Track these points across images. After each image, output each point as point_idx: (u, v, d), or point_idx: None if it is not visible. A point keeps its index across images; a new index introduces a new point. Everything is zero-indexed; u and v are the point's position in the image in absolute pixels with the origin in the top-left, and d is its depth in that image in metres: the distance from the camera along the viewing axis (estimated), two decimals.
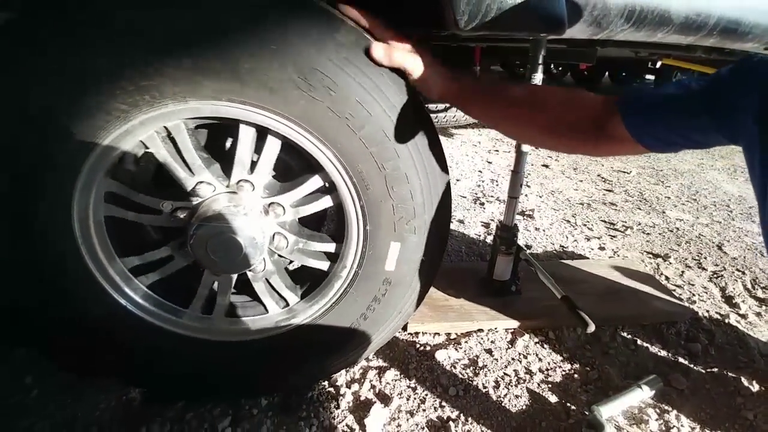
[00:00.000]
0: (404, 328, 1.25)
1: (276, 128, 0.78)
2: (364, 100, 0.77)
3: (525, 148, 1.29)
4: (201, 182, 0.82)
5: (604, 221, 2.19)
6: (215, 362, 0.97)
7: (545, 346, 1.26)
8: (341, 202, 0.85)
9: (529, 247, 1.85)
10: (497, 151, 3.45)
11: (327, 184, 0.86)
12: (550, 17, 0.75)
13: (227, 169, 0.83)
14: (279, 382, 1.05)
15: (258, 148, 0.83)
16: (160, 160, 0.79)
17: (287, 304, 0.97)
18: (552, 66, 7.58)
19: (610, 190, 2.68)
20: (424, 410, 1.04)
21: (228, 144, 0.91)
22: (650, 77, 7.78)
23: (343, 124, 0.77)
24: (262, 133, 0.81)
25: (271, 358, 0.98)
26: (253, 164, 0.84)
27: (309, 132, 0.78)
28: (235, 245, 0.83)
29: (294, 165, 0.92)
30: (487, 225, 2.04)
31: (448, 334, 1.27)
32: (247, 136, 0.80)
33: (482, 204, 2.27)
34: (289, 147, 0.82)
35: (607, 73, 8.52)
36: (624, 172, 3.08)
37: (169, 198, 0.84)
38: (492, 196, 2.39)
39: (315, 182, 0.86)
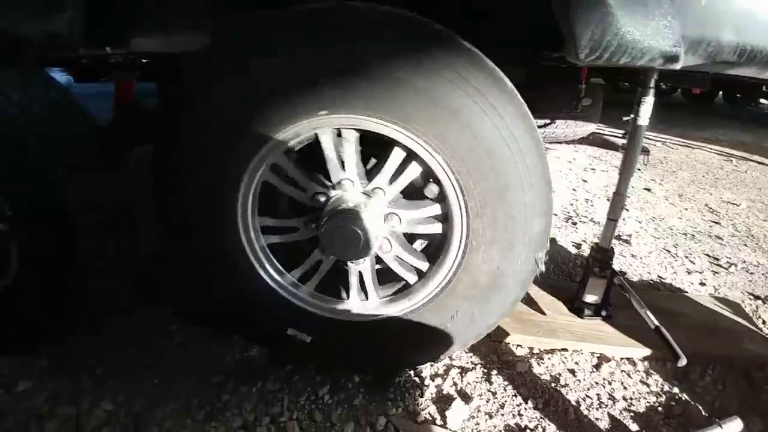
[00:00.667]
0: (488, 336, 1.31)
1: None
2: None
3: (630, 169, 1.28)
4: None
5: (708, 255, 2.03)
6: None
7: (632, 375, 1.24)
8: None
9: (623, 273, 1.79)
10: (593, 169, 3.31)
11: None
12: (667, 52, 0.80)
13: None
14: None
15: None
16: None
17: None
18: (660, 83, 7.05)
19: (716, 222, 2.46)
20: (502, 415, 1.09)
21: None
22: (765, 102, 6.97)
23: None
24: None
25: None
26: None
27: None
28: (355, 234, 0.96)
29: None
30: (578, 246, 2.00)
31: (531, 348, 1.30)
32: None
33: (575, 224, 2.22)
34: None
35: (720, 93, 7.72)
36: (733, 204, 2.80)
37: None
38: (585, 217, 2.33)
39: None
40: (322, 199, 1.02)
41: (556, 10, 0.79)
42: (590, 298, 1.36)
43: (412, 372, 1.20)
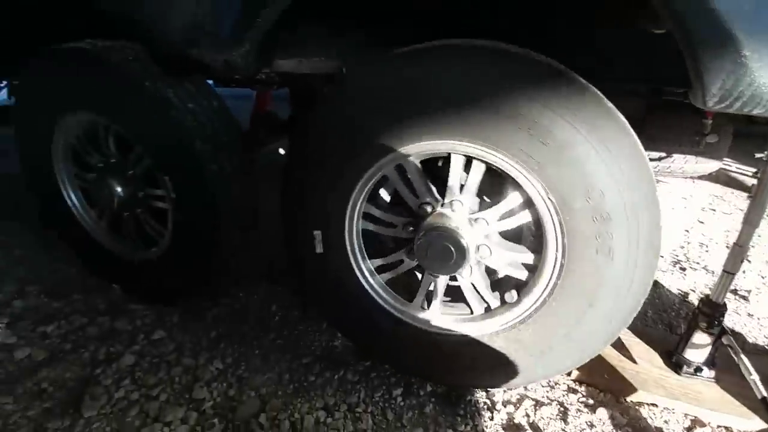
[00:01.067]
0: (568, 374, 1.27)
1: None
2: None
3: (757, 217, 1.15)
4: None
5: None
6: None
7: None
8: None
9: (735, 333, 1.60)
10: (713, 210, 2.94)
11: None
12: None
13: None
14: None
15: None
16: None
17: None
18: None
19: None
20: None
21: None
22: None
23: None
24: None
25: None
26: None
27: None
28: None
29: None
30: (685, 294, 1.82)
31: (616, 396, 1.24)
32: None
33: (683, 269, 2.02)
34: None
35: None
36: None
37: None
38: (697, 263, 2.10)
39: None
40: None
41: (686, 54, 0.77)
42: (692, 354, 1.25)
43: (483, 394, 1.22)
